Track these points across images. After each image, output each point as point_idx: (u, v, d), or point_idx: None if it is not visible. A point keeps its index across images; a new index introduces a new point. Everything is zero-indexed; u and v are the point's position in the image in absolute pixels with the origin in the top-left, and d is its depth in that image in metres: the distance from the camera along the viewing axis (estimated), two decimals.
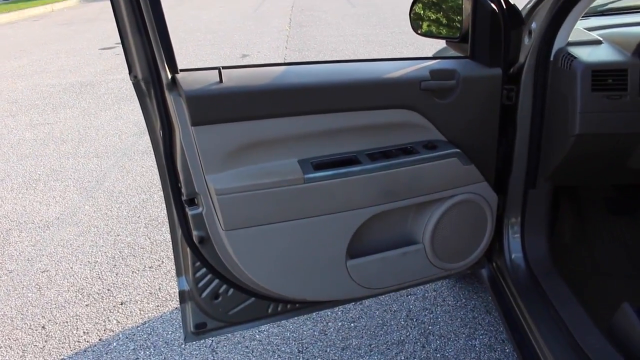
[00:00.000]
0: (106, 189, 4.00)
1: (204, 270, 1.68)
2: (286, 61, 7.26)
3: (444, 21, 1.92)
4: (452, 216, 1.77)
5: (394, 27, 9.71)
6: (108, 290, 2.81)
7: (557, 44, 1.73)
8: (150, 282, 2.85)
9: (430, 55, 3.36)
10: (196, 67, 1.56)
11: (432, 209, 1.75)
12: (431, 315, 2.49)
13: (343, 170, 1.56)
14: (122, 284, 2.85)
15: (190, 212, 1.57)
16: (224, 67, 1.51)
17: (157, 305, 2.66)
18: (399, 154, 1.66)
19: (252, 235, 1.56)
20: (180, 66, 1.68)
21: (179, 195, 1.57)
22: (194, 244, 1.62)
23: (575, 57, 1.63)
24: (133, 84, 1.45)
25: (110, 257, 3.10)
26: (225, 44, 9.08)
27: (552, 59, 1.73)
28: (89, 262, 3.07)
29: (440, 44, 3.56)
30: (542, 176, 1.90)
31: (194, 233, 1.60)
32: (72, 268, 3.02)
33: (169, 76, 1.44)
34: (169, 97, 1.44)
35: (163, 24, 1.36)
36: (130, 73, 1.44)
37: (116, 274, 2.94)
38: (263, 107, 1.48)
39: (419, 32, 2.00)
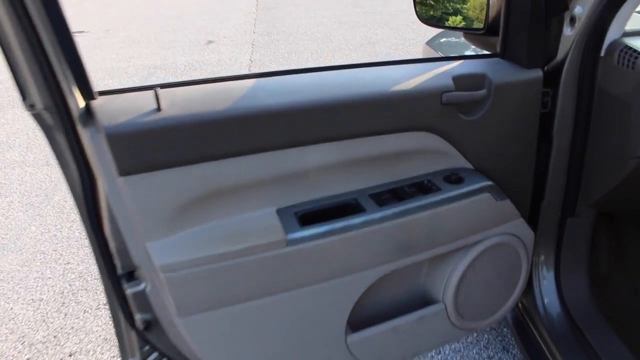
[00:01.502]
0: (56, 204, 3.52)
1: (155, 354, 1.25)
2: (253, 70, 6.77)
3: (463, 6, 1.49)
4: (480, 265, 1.37)
5: (366, 7, 9.26)
6: (54, 337, 2.36)
7: (611, 35, 1.33)
8: (105, 324, 2.41)
9: (422, 42, 2.92)
10: (123, 86, 1.09)
11: (456, 259, 1.34)
12: (439, 357, 2.10)
13: (340, 225, 1.14)
14: (72, 328, 2.40)
15: (129, 290, 1.13)
16: (162, 86, 1.07)
17: (113, 356, 2.22)
18: (414, 192, 1.24)
19: (218, 319, 1.13)
20: (144, 63, 1.21)
21: (113, 269, 1.13)
22: (139, 329, 1.18)
23: None
24: (31, 115, 0.99)
25: (59, 292, 2.65)
26: (189, 30, 8.53)
27: (603, 54, 1.33)
28: (32, 300, 2.61)
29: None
30: (584, 202, 1.50)
31: (138, 316, 1.16)
32: (12, 309, 2.56)
33: (82, 104, 0.99)
34: (84, 134, 0.99)
35: (66, 30, 0.91)
36: (24, 100, 0.98)
37: (65, 315, 2.49)
38: (224, 142, 1.05)
39: (426, 19, 1.56)
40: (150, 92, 1.03)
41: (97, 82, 6.01)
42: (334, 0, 10.14)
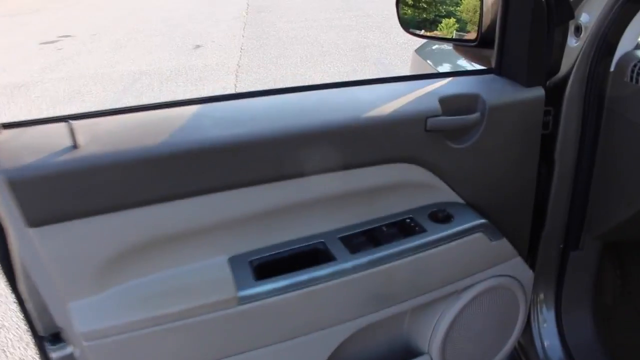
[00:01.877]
0: None
1: None
2: (223, 92, 6.58)
3: (451, 17, 1.30)
4: (472, 312, 1.19)
5: (357, 10, 9.09)
6: None
7: (623, 47, 1.15)
8: None
9: (412, 49, 2.72)
10: (34, 117, 0.90)
11: (444, 307, 1.16)
12: None
13: (304, 277, 0.96)
14: None
15: (53, 354, 0.95)
16: (80, 117, 0.88)
17: None
18: (393, 234, 1.06)
19: None
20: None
21: (34, 330, 0.94)
22: None
23: None
24: None
25: None
26: (177, 34, 8.33)
27: (613, 68, 1.16)
28: None
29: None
30: (589, 234, 1.32)
31: None
32: None
33: None
34: None
35: None
36: None
37: None
38: (159, 183, 0.86)
39: (411, 30, 1.37)
40: (63, 125, 0.84)
41: (80, 89, 5.82)
42: (327, 4, 9.97)
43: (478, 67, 1.25)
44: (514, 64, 1.13)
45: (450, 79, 1.13)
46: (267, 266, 0.97)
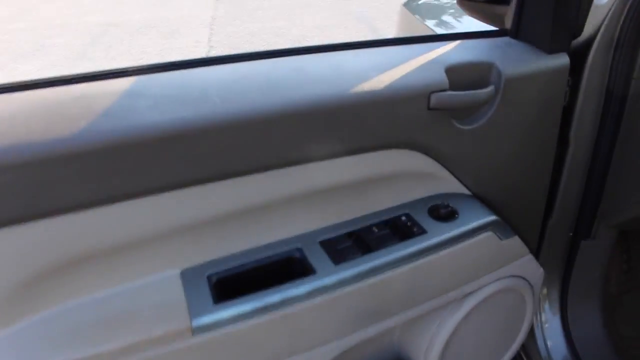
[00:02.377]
0: None
1: None
2: (195, 47, 6.27)
3: None
4: (474, 320, 1.01)
5: None
6: None
7: None
8: None
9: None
10: None
11: (443, 316, 0.97)
12: None
13: (277, 297, 0.76)
14: None
15: None
16: None
17: None
18: (386, 236, 0.86)
19: None
20: None
21: None
22: None
23: None
24: None
25: None
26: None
27: None
28: None
29: None
30: (604, 221, 1.15)
31: None
32: None
33: None
34: None
35: None
36: None
37: None
38: (80, 184, 0.65)
39: None
40: None
41: (44, 42, 5.46)
42: None
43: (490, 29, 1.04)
44: (535, 26, 0.92)
45: (456, 42, 0.92)
46: (230, 282, 0.77)
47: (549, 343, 1.28)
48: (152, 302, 0.72)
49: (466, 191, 0.95)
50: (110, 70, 0.74)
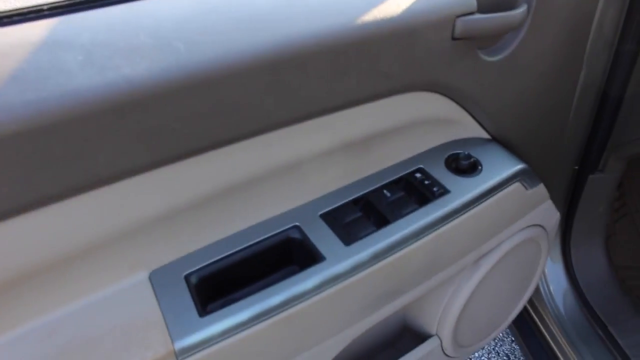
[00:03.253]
0: None
1: None
2: None
3: None
4: (490, 280, 0.88)
5: None
6: None
7: None
8: None
9: None
10: None
11: (458, 282, 0.83)
12: None
13: (278, 299, 0.59)
14: None
15: None
16: None
17: None
18: (401, 199, 0.69)
19: None
20: None
21: None
22: None
23: None
24: None
25: None
26: None
27: None
28: None
29: None
30: (614, 153, 1.03)
31: None
32: None
33: None
34: None
35: None
36: None
37: None
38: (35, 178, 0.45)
39: None
40: None
41: None
42: None
43: None
44: None
45: None
46: (215, 279, 0.60)
47: (552, 288, 1.19)
48: (116, 322, 0.54)
49: (485, 135, 0.79)
50: (10, 11, 0.51)
